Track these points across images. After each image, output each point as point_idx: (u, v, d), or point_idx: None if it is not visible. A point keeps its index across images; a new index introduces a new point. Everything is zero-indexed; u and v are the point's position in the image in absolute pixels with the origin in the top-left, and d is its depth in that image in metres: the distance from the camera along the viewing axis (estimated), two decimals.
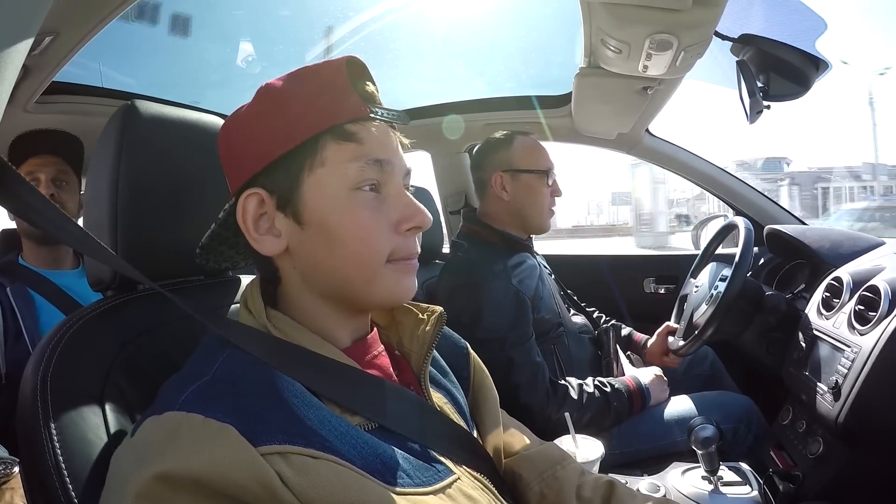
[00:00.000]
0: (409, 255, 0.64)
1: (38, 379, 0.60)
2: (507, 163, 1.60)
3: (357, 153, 0.60)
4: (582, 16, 1.26)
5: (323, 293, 0.64)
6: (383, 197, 0.63)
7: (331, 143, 0.60)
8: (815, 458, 1.20)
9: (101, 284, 0.79)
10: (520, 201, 1.59)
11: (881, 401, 1.08)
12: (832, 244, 1.59)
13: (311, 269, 0.63)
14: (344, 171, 0.60)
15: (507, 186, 1.59)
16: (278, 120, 0.61)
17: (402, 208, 0.63)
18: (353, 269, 0.61)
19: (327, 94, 0.61)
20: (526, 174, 1.59)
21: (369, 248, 0.61)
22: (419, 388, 0.71)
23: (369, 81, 0.66)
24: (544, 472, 0.79)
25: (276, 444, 0.48)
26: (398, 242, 0.63)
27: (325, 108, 0.60)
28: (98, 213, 0.75)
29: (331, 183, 0.60)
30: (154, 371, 0.70)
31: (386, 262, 0.62)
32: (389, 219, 0.63)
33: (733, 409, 1.49)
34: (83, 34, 1.09)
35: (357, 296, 0.64)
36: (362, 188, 0.61)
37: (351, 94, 0.61)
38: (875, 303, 1.17)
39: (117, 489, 0.47)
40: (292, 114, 0.60)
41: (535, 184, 1.59)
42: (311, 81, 0.62)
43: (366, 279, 0.62)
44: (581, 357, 1.61)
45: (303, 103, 0.61)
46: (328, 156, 0.60)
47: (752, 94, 1.26)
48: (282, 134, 0.60)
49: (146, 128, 0.76)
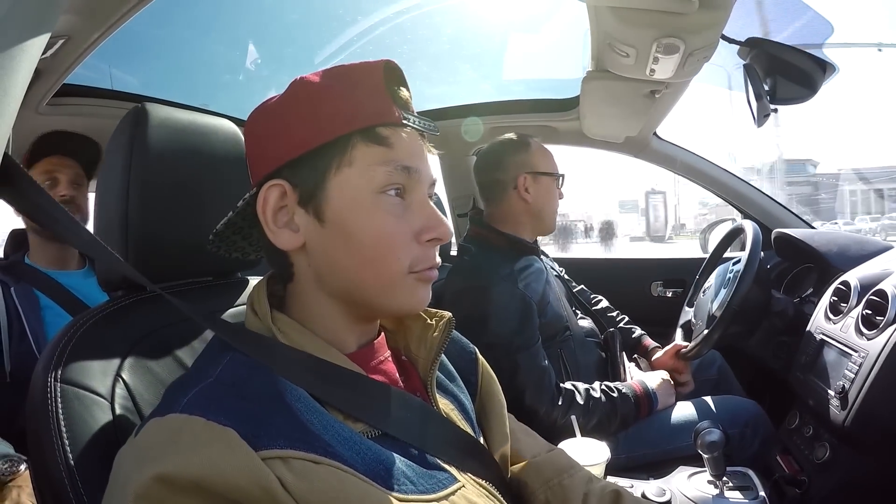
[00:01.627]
0: (430, 267, 0.64)
1: (48, 378, 0.61)
2: (530, 165, 1.61)
3: (386, 157, 0.60)
4: (589, 20, 1.26)
5: (335, 295, 0.63)
6: (407, 204, 0.62)
7: (360, 144, 0.60)
8: (822, 463, 1.20)
9: (111, 285, 0.80)
10: (540, 203, 1.61)
11: (888, 406, 1.08)
12: (840, 248, 1.58)
13: (327, 268, 0.62)
14: (371, 173, 0.60)
15: (529, 188, 1.60)
16: (310, 114, 0.60)
17: (426, 218, 0.63)
18: (369, 273, 0.61)
19: (361, 95, 0.61)
20: (545, 177, 1.61)
21: (389, 255, 0.60)
22: (426, 394, 0.70)
23: (404, 87, 0.65)
24: (550, 480, 0.78)
25: (278, 449, 0.48)
26: (418, 253, 0.62)
27: (359, 109, 0.60)
28: (108, 215, 0.76)
29: (357, 184, 0.60)
30: (163, 371, 0.71)
31: (408, 272, 0.62)
32: (412, 227, 0.62)
33: (740, 413, 1.48)
34: (95, 37, 1.10)
35: (370, 301, 0.63)
36: (387, 192, 0.60)
37: (385, 98, 0.61)
38: (883, 307, 1.16)
39: (118, 489, 0.47)
40: (325, 110, 0.60)
41: (552, 186, 1.62)
42: (347, 80, 0.61)
43: (382, 286, 0.62)
44: (587, 361, 1.60)
45: (336, 100, 0.60)
46: (357, 156, 0.60)
47: (759, 98, 1.26)
48: (312, 129, 0.60)
49: (156, 130, 0.77)
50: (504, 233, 1.61)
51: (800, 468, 1.26)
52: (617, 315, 2.00)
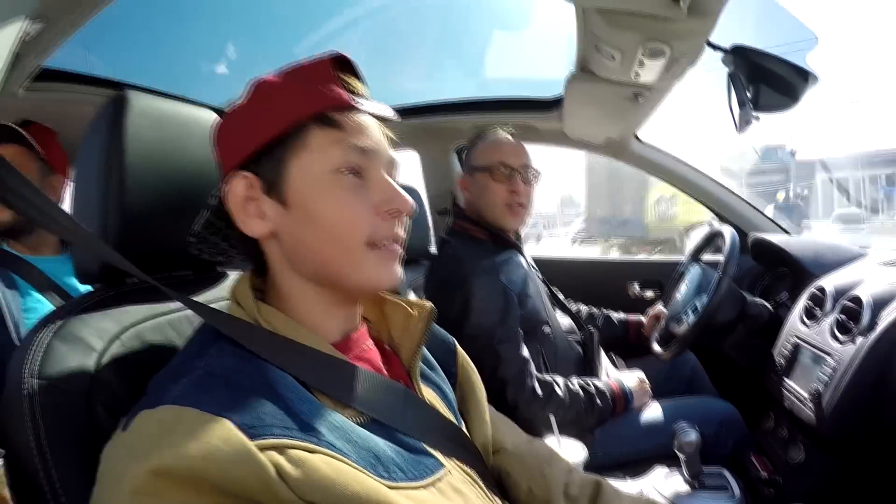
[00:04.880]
0: (391, 237, 0.66)
1: (24, 373, 0.59)
2: (468, 162, 1.64)
3: (340, 138, 0.63)
4: (576, 21, 1.26)
5: (308, 277, 0.65)
6: (364, 181, 0.65)
7: (315, 129, 0.62)
8: (796, 464, 1.22)
9: (89, 277, 0.78)
10: (477, 199, 1.61)
11: (862, 409, 1.10)
12: (816, 254, 1.62)
13: (296, 250, 0.64)
14: (326, 155, 0.62)
15: (469, 185, 1.62)
16: (265, 109, 0.63)
17: (383, 192, 0.65)
18: (333, 248, 0.63)
19: (312, 85, 0.63)
20: (479, 172, 1.60)
21: (349, 227, 0.63)
22: (409, 382, 0.71)
23: (355, 77, 0.67)
24: (532, 469, 0.80)
25: (273, 438, 0.48)
26: (378, 224, 0.64)
27: (310, 97, 0.63)
28: (86, 204, 0.74)
29: (314, 166, 0.62)
30: (142, 366, 0.69)
31: (367, 243, 0.63)
32: (370, 200, 0.64)
33: (715, 413, 1.50)
34: (75, 20, 1.07)
35: (338, 277, 0.64)
36: (343, 172, 0.63)
37: (335, 86, 0.63)
38: (857, 313, 1.19)
39: (112, 485, 0.47)
40: (278, 103, 0.63)
41: (483, 180, 1.59)
42: (299, 74, 0.64)
43: (347, 260, 0.63)
44: (566, 357, 1.62)
45: (289, 93, 0.63)
46: (312, 141, 0.62)
47: (742, 105, 1.28)
48: (268, 121, 0.62)
49: (137, 118, 0.75)
50: (484, 226, 1.61)
51: (774, 469, 1.28)
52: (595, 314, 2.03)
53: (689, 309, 1.61)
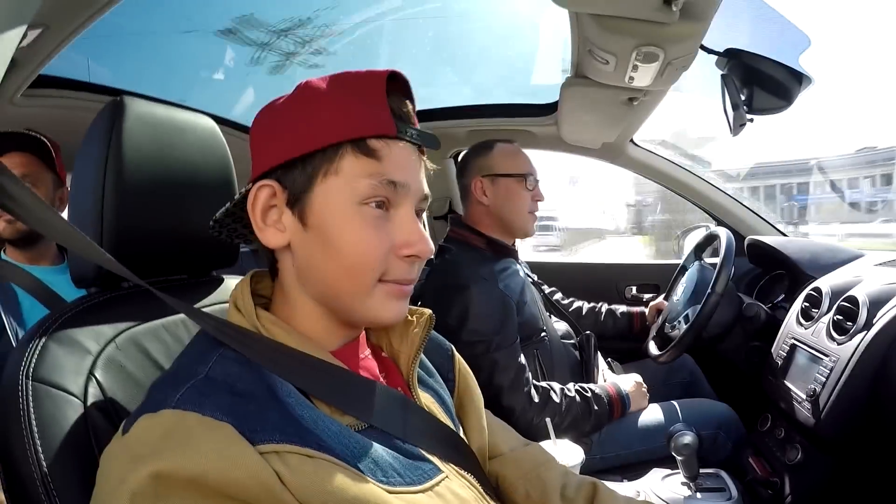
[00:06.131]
0: (403, 280, 0.64)
1: (19, 376, 0.60)
2: (487, 168, 1.63)
3: (373, 170, 0.60)
4: (570, 26, 1.27)
5: (315, 298, 0.64)
6: (389, 216, 0.62)
7: (349, 155, 0.60)
8: (793, 464, 1.22)
9: (85, 281, 0.79)
10: (500, 205, 1.61)
11: (858, 409, 1.11)
12: (812, 255, 1.62)
13: (307, 270, 0.63)
14: (355, 184, 0.60)
15: (486, 191, 1.61)
16: (306, 120, 0.61)
17: (407, 234, 0.62)
18: (344, 279, 0.61)
19: (359, 104, 0.61)
20: (505, 178, 1.60)
21: (363, 263, 0.61)
22: (407, 389, 0.71)
23: (408, 100, 0.65)
24: (529, 472, 0.80)
25: (274, 443, 0.48)
26: (394, 263, 0.63)
27: (354, 118, 0.60)
28: (83, 210, 0.75)
29: (340, 193, 0.60)
30: (136, 370, 0.70)
31: (378, 280, 0.62)
32: (391, 240, 0.62)
33: (712, 415, 1.50)
34: (73, 28, 1.08)
35: (345, 309, 0.64)
36: (369, 204, 0.60)
37: (383, 110, 0.61)
38: (854, 313, 1.19)
39: (111, 489, 0.46)
40: (320, 117, 0.60)
41: (513, 187, 1.60)
42: (349, 87, 0.61)
43: (356, 293, 0.62)
44: (562, 363, 1.62)
45: (333, 109, 0.60)
46: (344, 166, 0.60)
47: (735, 108, 1.29)
48: (306, 135, 0.60)
49: (134, 124, 0.75)
50: (482, 234, 1.62)
51: (772, 470, 1.28)
52: (597, 308, 2.05)
53: (682, 318, 1.63)
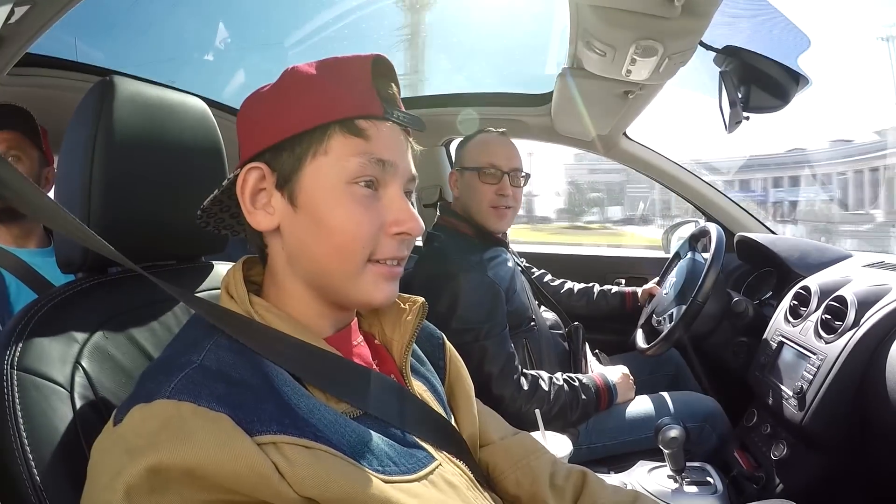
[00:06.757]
0: (393, 257, 0.64)
1: (3, 364, 0.58)
2: (459, 160, 1.64)
3: (361, 149, 0.61)
4: (569, 17, 1.26)
5: (305, 280, 0.64)
6: (379, 196, 0.63)
7: (338, 135, 0.61)
8: (779, 460, 1.24)
9: (71, 266, 0.77)
10: (465, 198, 1.62)
11: (844, 407, 1.12)
12: (801, 254, 1.63)
13: (297, 252, 0.63)
14: (344, 163, 0.61)
15: (458, 183, 1.63)
16: (294, 103, 0.62)
17: (396, 212, 0.63)
18: (335, 259, 0.62)
19: (346, 87, 0.62)
20: (469, 171, 1.60)
21: (353, 241, 0.61)
22: (400, 376, 0.72)
23: (393, 83, 0.66)
24: (519, 461, 0.81)
25: (271, 434, 0.48)
26: (384, 242, 0.63)
27: (341, 100, 0.61)
28: (69, 192, 0.73)
29: (329, 173, 0.61)
30: (123, 358, 0.69)
31: (368, 260, 0.62)
32: (380, 218, 0.63)
33: (699, 409, 1.52)
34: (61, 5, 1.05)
35: (336, 290, 0.64)
36: (358, 183, 0.61)
37: (369, 91, 0.62)
38: (841, 313, 1.20)
39: (106, 482, 0.45)
40: (308, 100, 0.61)
41: (472, 181, 1.59)
42: (335, 71, 0.63)
43: (346, 273, 0.62)
44: (551, 353, 1.63)
45: (320, 91, 0.61)
46: (333, 146, 0.61)
47: (732, 105, 1.29)
48: (294, 117, 0.61)
49: (123, 104, 0.74)
50: (472, 221, 1.62)
51: (757, 464, 1.30)
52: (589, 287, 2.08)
53: (668, 316, 1.64)
